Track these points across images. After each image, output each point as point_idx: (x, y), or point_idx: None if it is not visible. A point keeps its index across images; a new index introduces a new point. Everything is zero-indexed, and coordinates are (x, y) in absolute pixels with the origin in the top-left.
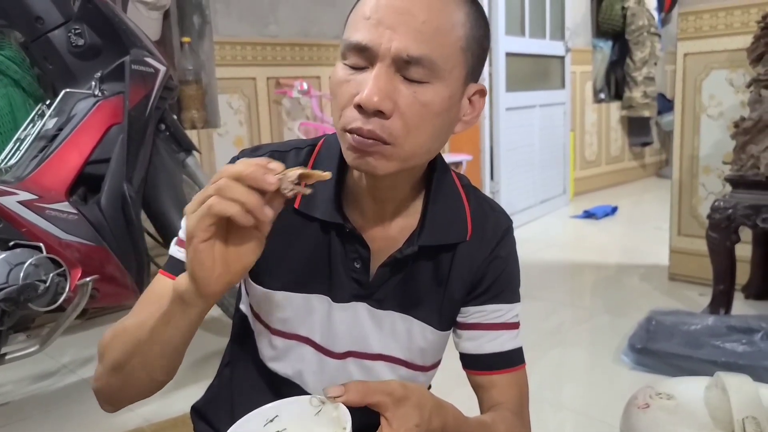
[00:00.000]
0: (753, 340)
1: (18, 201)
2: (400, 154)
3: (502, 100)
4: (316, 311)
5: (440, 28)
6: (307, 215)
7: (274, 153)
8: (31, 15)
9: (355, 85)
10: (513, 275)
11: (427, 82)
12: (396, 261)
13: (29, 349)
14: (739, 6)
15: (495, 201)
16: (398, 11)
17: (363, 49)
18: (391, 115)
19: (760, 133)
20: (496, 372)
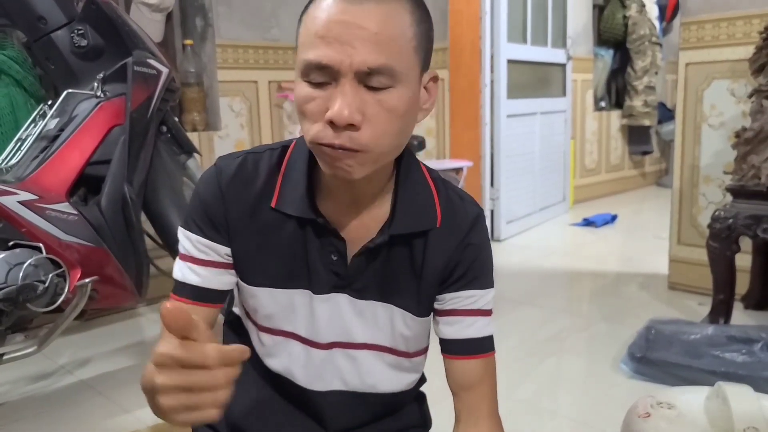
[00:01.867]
0: (753, 350)
1: (18, 201)
2: (372, 157)
3: (503, 106)
4: (299, 306)
5: (393, 35)
6: (283, 213)
7: (248, 155)
8: (33, 15)
9: (322, 101)
10: (486, 262)
11: (390, 87)
12: (369, 251)
13: (27, 349)
14: (742, 16)
15: (465, 192)
16: (351, 26)
17: (324, 67)
18: (361, 126)
19: (761, 143)
20: (472, 357)
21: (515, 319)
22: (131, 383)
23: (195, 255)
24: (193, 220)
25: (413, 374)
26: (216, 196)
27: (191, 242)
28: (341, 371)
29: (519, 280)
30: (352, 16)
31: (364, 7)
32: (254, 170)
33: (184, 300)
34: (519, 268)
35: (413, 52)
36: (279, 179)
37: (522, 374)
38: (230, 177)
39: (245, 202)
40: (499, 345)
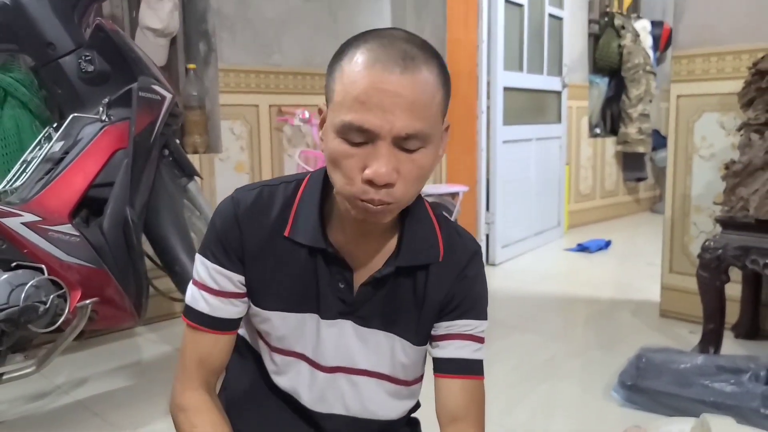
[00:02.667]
0: (741, 380)
1: (22, 222)
2: (401, 206)
3: (499, 133)
4: (308, 328)
5: (426, 102)
6: (296, 241)
7: (264, 187)
8: (43, 41)
9: (359, 159)
10: (480, 295)
11: (422, 147)
12: (376, 281)
13: (26, 369)
14: (731, 52)
15: (463, 228)
16: (390, 95)
17: (365, 130)
18: (396, 183)
19: (750, 176)
20: (460, 376)
21: (509, 345)
22: (127, 404)
23: (208, 284)
24: (210, 249)
25: (410, 401)
26: (233, 226)
27: (207, 269)
28: (343, 396)
29: (513, 304)
30: (393, 85)
31: (405, 76)
32: (269, 201)
33: (194, 325)
34: (513, 292)
35: (440, 113)
36: (293, 210)
37: (515, 400)
38: (247, 208)
39: (260, 231)
40: (492, 370)
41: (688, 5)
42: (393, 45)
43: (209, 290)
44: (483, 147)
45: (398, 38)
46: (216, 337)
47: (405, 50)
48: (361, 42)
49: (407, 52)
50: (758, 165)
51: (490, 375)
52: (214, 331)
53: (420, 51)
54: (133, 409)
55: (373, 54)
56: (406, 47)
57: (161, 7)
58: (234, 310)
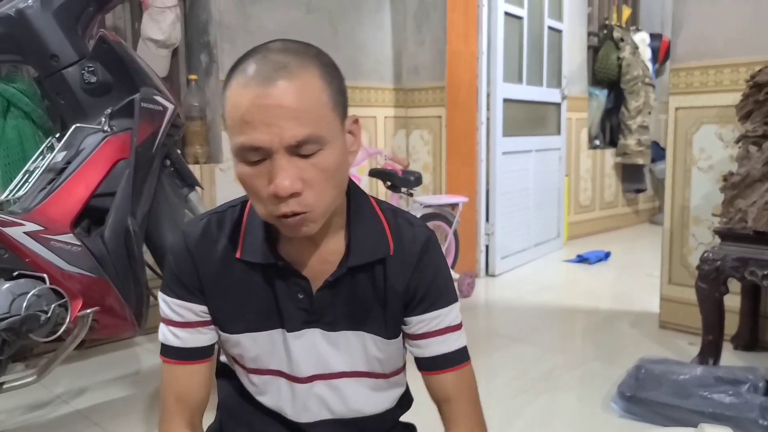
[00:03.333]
0: (739, 391)
1: (24, 232)
2: (320, 213)
3: (498, 144)
4: (277, 344)
5: (310, 106)
6: (248, 262)
7: (211, 216)
8: (47, 53)
9: (263, 177)
10: (444, 280)
11: (319, 150)
12: (331, 284)
13: (27, 378)
14: (729, 64)
15: (415, 216)
16: (271, 108)
17: (257, 148)
18: (303, 191)
19: (748, 188)
20: (448, 370)
21: (509, 356)
22: (126, 414)
23: (173, 318)
24: (168, 285)
25: (395, 391)
26: (186, 260)
27: (168, 305)
28: (326, 401)
29: (512, 315)
30: (270, 98)
31: (279, 87)
32: (218, 228)
33: (169, 361)
34: (513, 303)
35: (331, 112)
36: (242, 232)
37: (514, 411)
38: (197, 239)
39: (213, 259)
40: (492, 381)
41: (686, 18)
42: (266, 59)
43: (175, 324)
44: (482, 158)
45: (272, 50)
46: (191, 368)
47: (277, 61)
48: (239, 64)
49: (280, 62)
50: (756, 177)
51: (489, 386)
52: (188, 362)
53: (295, 57)
54: (132, 418)
55: (248, 73)
56: (279, 57)
57: (163, 19)
58: (203, 338)
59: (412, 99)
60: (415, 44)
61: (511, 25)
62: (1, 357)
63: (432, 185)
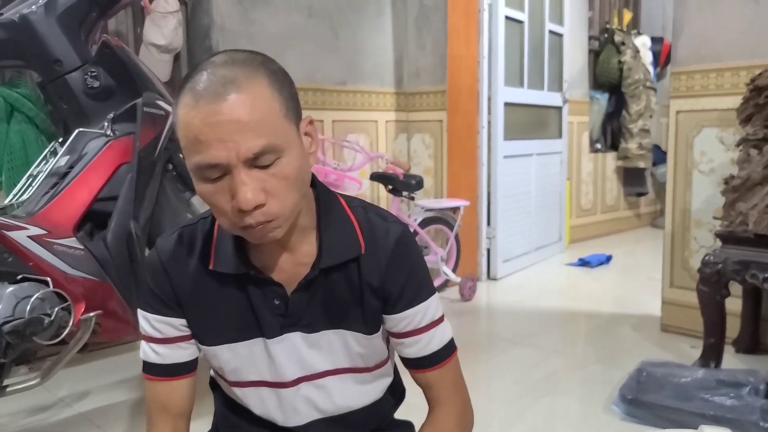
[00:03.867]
0: (741, 394)
1: (28, 236)
2: (285, 219)
3: (500, 147)
4: (258, 354)
5: (262, 116)
6: (221, 273)
7: (183, 228)
8: (50, 57)
9: (224, 192)
10: (419, 276)
11: (277, 159)
12: (304, 287)
13: (30, 381)
14: (729, 68)
15: (388, 212)
16: (224, 124)
17: (215, 165)
18: (266, 201)
19: (749, 191)
20: (435, 368)
21: (510, 359)
22: (128, 417)
23: (152, 334)
24: (146, 301)
25: (381, 381)
26: (160, 273)
27: (148, 322)
28: (314, 402)
29: (514, 319)
30: (222, 114)
31: (229, 101)
32: (190, 240)
33: (151, 378)
34: (514, 306)
35: (284, 119)
36: (213, 243)
37: (516, 414)
38: (169, 253)
39: (187, 272)
40: (493, 384)
41: (687, 22)
42: (212, 75)
43: (155, 340)
44: (484, 162)
45: (218, 65)
46: (172, 384)
47: (224, 75)
48: (186, 82)
49: (226, 76)
50: (757, 180)
51: (490, 389)
52: (170, 378)
53: (241, 69)
54: (135, 422)
55: (196, 91)
56: (225, 71)
57: (165, 24)
58: (183, 353)
59: (414, 103)
60: (417, 48)
61: (512, 29)
62: (4, 360)
63: (433, 189)
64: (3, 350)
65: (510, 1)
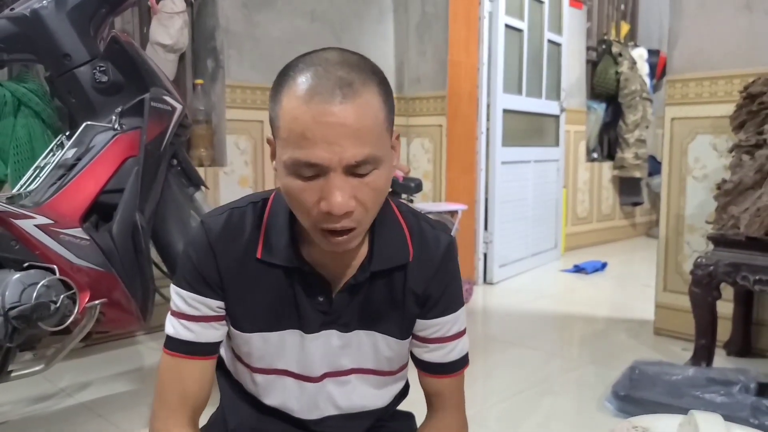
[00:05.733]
0: (731, 391)
1: (35, 225)
2: (364, 228)
3: (498, 153)
4: (290, 345)
5: (370, 126)
6: (270, 263)
7: (233, 210)
8: (60, 52)
9: (314, 192)
10: (457, 287)
11: (374, 169)
12: (351, 287)
13: (35, 367)
14: (723, 76)
15: (435, 220)
16: (333, 126)
17: (314, 165)
18: (354, 209)
19: (740, 195)
20: (451, 375)
21: (505, 360)
22: (130, 407)
23: (187, 312)
24: (185, 278)
25: (398, 385)
26: (207, 253)
27: (183, 299)
28: (333, 398)
29: (510, 322)
30: (334, 116)
31: (344, 105)
32: (240, 224)
33: (177, 355)
34: (510, 310)
35: (386, 131)
36: (262, 231)
37: (511, 412)
38: (218, 233)
39: (234, 255)
40: (488, 383)
41: (683, 32)
42: (329, 73)
43: (190, 318)
44: (482, 167)
45: (333, 63)
46: (201, 363)
47: (341, 77)
48: (297, 73)
49: (343, 78)
50: (748, 184)
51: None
52: (199, 358)
53: (357, 74)
54: (136, 412)
55: (310, 86)
56: (342, 73)
57: (172, 24)
58: (216, 334)
59: (414, 108)
60: (417, 54)
61: (511, 38)
62: (10, 344)
63: (432, 193)
64: (9, 335)
65: (510, 9)
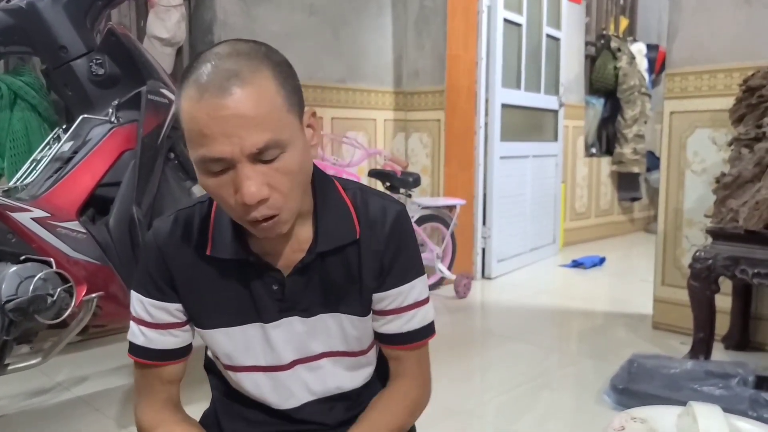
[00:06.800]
0: (729, 384)
1: (31, 218)
2: (291, 212)
3: (496, 148)
4: (253, 338)
5: (267, 111)
6: (218, 258)
7: (179, 212)
8: (56, 45)
9: (228, 185)
10: (411, 254)
11: (281, 153)
12: (299, 270)
13: (32, 361)
14: (723, 69)
15: (386, 192)
16: (228, 118)
17: (219, 159)
18: (270, 195)
19: (739, 188)
20: (409, 345)
21: (503, 354)
22: (127, 400)
23: (144, 318)
24: (142, 284)
25: (369, 367)
26: (157, 257)
27: (142, 305)
28: (307, 384)
29: (508, 316)
30: (227, 109)
31: (234, 96)
32: (188, 224)
33: (136, 359)
34: (509, 305)
35: (288, 113)
36: (210, 228)
37: (509, 405)
38: (166, 236)
39: (184, 255)
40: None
41: (682, 25)
42: (217, 68)
43: (146, 324)
44: (480, 162)
45: (222, 56)
46: (160, 368)
47: (229, 69)
48: (191, 72)
49: (231, 69)
50: (747, 177)
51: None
52: (157, 363)
53: (246, 61)
54: (133, 406)
55: (201, 84)
56: (230, 65)
57: (169, 18)
58: (173, 341)
59: (412, 102)
60: (416, 49)
61: (510, 32)
62: (7, 337)
63: (430, 188)
64: (6, 328)
65: (509, 4)
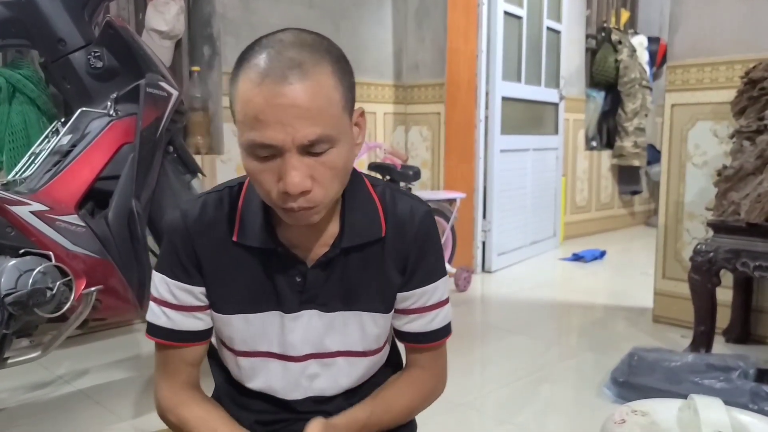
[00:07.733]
0: (730, 377)
1: (30, 211)
2: (325, 206)
3: (496, 142)
4: (270, 326)
5: (322, 105)
6: (246, 245)
7: (209, 195)
8: (54, 37)
9: (272, 172)
10: (437, 255)
11: (330, 148)
12: (323, 264)
13: (31, 354)
14: (724, 62)
15: (413, 193)
16: (285, 107)
17: (268, 146)
18: (312, 188)
19: (741, 181)
20: (430, 344)
21: (504, 347)
22: (127, 393)
23: (168, 299)
24: (168, 266)
25: (380, 364)
26: (185, 238)
27: (167, 286)
28: (317, 378)
29: (509, 310)
30: (285, 97)
31: (294, 86)
32: (216, 208)
33: (158, 340)
34: (509, 298)
35: (342, 110)
36: (238, 214)
37: (509, 398)
38: (195, 218)
39: (211, 239)
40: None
41: (684, 17)
42: (280, 54)
43: (170, 305)
44: (480, 155)
45: (286, 44)
46: (183, 350)
47: (292, 58)
48: (251, 56)
49: (294, 59)
50: (749, 170)
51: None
52: (180, 344)
53: (309, 54)
54: (133, 399)
55: (262, 68)
56: (294, 54)
57: (167, 10)
58: (197, 323)
59: (412, 96)
60: (416, 42)
61: (510, 25)
62: (6, 331)
63: (430, 181)
64: (5, 321)
65: None
